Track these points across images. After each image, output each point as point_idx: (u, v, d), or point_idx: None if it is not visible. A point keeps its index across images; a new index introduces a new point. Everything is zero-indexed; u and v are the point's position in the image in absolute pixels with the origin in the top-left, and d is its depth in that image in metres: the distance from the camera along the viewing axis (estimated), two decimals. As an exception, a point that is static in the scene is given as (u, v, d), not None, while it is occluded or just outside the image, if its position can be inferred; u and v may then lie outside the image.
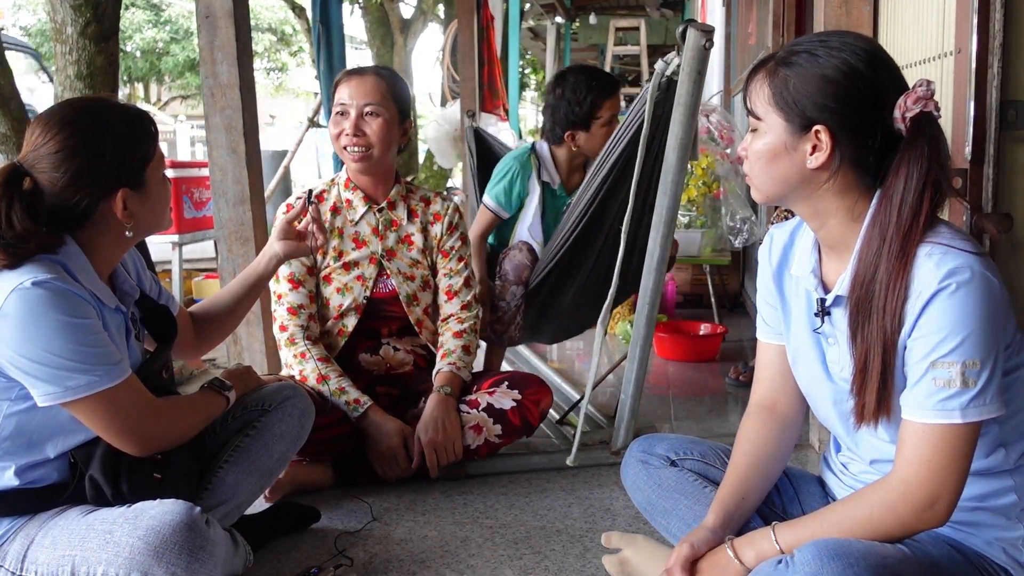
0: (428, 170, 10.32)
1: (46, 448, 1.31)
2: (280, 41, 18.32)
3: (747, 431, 1.31)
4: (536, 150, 2.57)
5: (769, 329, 1.33)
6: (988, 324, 1.00)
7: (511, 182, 2.51)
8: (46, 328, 1.21)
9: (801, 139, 1.09)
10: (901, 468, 1.05)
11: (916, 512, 1.03)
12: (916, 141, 1.03)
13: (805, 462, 2.11)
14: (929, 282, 1.01)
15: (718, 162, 3.83)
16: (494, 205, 2.53)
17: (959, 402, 1.01)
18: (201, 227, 4.04)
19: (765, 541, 1.11)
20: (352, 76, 2.01)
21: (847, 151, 1.07)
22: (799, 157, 1.09)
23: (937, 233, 1.04)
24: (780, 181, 1.12)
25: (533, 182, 2.54)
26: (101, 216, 1.31)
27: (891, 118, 1.05)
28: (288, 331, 2.01)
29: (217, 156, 2.42)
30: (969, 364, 1.00)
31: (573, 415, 2.54)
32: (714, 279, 4.03)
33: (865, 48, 1.07)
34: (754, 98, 1.13)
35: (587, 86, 2.41)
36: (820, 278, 1.18)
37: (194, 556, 1.25)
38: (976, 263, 1.01)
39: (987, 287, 1.00)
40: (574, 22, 10.23)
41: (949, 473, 1.02)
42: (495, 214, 2.54)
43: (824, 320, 1.17)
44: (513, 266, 2.37)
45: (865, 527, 1.05)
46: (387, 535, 1.76)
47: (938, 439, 1.02)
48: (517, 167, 2.52)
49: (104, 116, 1.31)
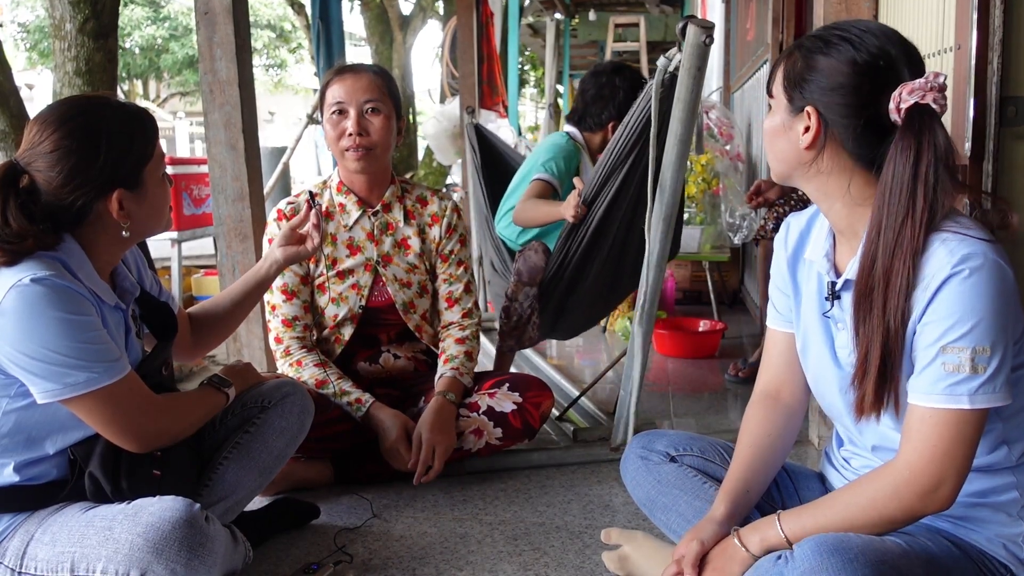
0: (427, 167, 10.32)
1: (45, 445, 1.31)
2: (279, 38, 18.31)
3: (751, 420, 1.32)
4: (573, 136, 2.57)
5: (779, 316, 1.33)
6: (1000, 311, 1.00)
7: (567, 158, 2.49)
8: (45, 325, 1.21)
9: (796, 119, 1.13)
10: (906, 452, 1.05)
11: (920, 496, 1.03)
12: (908, 132, 1.04)
13: (805, 458, 2.12)
14: (942, 267, 1.01)
15: (717, 159, 3.83)
16: (548, 176, 2.45)
17: (968, 387, 1.01)
18: (200, 224, 4.04)
19: (770, 529, 1.12)
20: (346, 73, 1.94)
21: (834, 133, 1.11)
22: (793, 136, 1.14)
23: (951, 222, 1.05)
24: (780, 158, 1.18)
25: (586, 163, 2.54)
26: (97, 216, 1.31)
27: (885, 107, 1.06)
28: (283, 343, 1.99)
29: (216, 153, 2.42)
30: (979, 350, 1.00)
31: (572, 412, 2.55)
32: (713, 276, 4.03)
33: (868, 35, 1.09)
34: (775, 78, 1.18)
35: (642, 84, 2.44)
36: (833, 262, 1.20)
37: (194, 552, 1.25)
38: (990, 251, 1.01)
39: (1000, 274, 1.01)
40: (573, 18, 10.22)
41: (954, 458, 1.02)
42: (549, 184, 2.45)
43: (834, 304, 1.18)
44: (528, 267, 2.32)
45: (868, 512, 1.06)
46: (387, 531, 1.76)
47: (945, 424, 1.02)
48: (571, 147, 2.52)
49: (101, 116, 1.30)
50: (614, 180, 2.16)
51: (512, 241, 2.62)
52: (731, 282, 4.46)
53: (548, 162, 2.47)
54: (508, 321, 2.34)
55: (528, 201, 2.41)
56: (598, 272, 2.32)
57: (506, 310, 2.35)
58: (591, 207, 2.21)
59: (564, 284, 2.34)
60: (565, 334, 2.68)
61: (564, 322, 2.49)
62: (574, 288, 2.35)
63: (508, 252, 2.66)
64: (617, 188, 2.17)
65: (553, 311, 2.40)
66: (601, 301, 2.48)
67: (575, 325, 2.62)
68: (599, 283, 2.36)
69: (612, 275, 2.35)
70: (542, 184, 2.44)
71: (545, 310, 2.38)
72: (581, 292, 2.37)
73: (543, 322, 2.40)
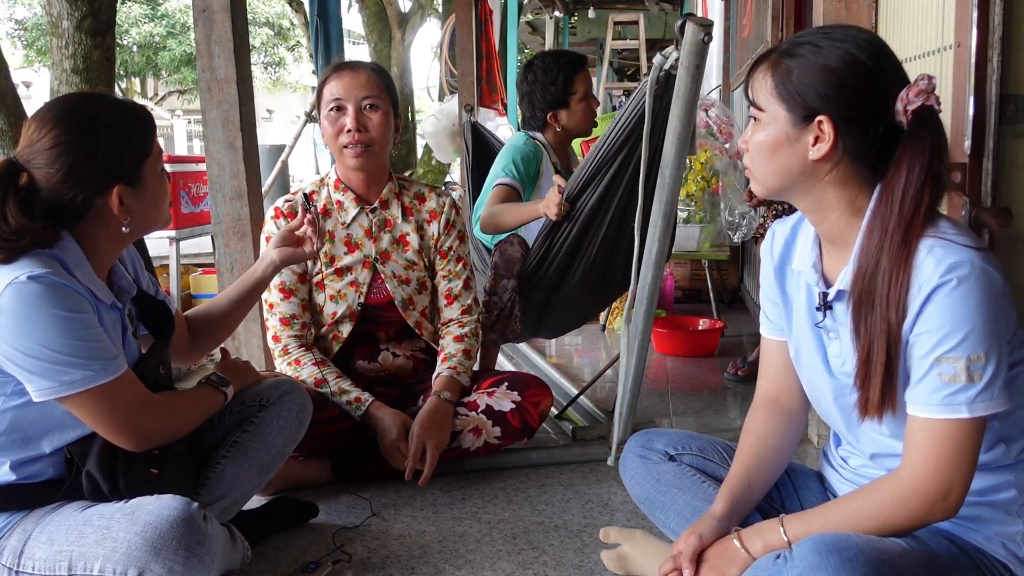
0: (426, 165, 10.31)
1: (42, 444, 1.31)
2: (277, 35, 18.29)
3: (753, 422, 1.32)
4: (533, 136, 2.57)
5: (771, 325, 1.33)
6: (991, 317, 1.00)
7: (526, 159, 2.48)
8: (41, 322, 1.20)
9: (803, 130, 1.08)
10: (911, 463, 1.05)
11: (929, 505, 1.04)
12: (918, 134, 1.03)
13: (804, 457, 2.11)
14: (929, 277, 1.01)
15: (717, 157, 3.83)
16: (509, 180, 2.45)
17: (965, 396, 1.01)
18: (198, 222, 4.03)
19: (773, 533, 1.12)
20: (344, 70, 1.94)
21: (849, 142, 1.07)
22: (801, 148, 1.09)
23: (937, 227, 1.04)
24: (781, 173, 1.12)
25: (546, 163, 2.54)
26: (97, 212, 1.30)
27: (893, 111, 1.05)
28: (282, 342, 1.99)
29: (214, 151, 2.41)
30: (974, 359, 1.00)
31: (571, 410, 2.54)
32: (713, 274, 4.03)
33: (868, 40, 1.07)
34: (757, 89, 1.12)
35: (556, 65, 2.49)
36: (821, 272, 1.18)
37: (191, 551, 1.24)
38: (976, 257, 1.01)
39: (988, 281, 1.00)
40: (573, 16, 10.20)
41: (959, 466, 1.02)
42: (512, 188, 2.44)
43: (825, 315, 1.17)
44: (504, 260, 2.33)
45: (876, 519, 1.06)
46: (385, 530, 1.76)
47: (946, 434, 1.02)
48: (530, 148, 2.51)
49: (99, 112, 1.30)
50: (601, 177, 2.16)
51: (489, 242, 2.63)
52: (730, 280, 4.46)
53: (508, 166, 2.48)
54: (489, 315, 2.34)
55: (495, 207, 2.40)
56: (585, 271, 2.32)
57: (487, 304, 2.35)
58: (575, 204, 2.20)
59: (548, 281, 2.34)
60: (552, 332, 2.68)
61: (549, 320, 2.50)
62: (559, 286, 2.35)
63: (486, 251, 2.66)
64: (606, 185, 2.17)
65: (537, 308, 2.40)
66: (589, 299, 2.47)
67: (562, 323, 2.62)
68: (587, 282, 2.36)
69: (601, 274, 2.34)
70: (505, 189, 2.44)
71: (527, 307, 2.38)
72: (567, 290, 2.37)
73: (526, 319, 2.41)
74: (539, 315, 2.45)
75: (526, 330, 2.48)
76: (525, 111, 2.59)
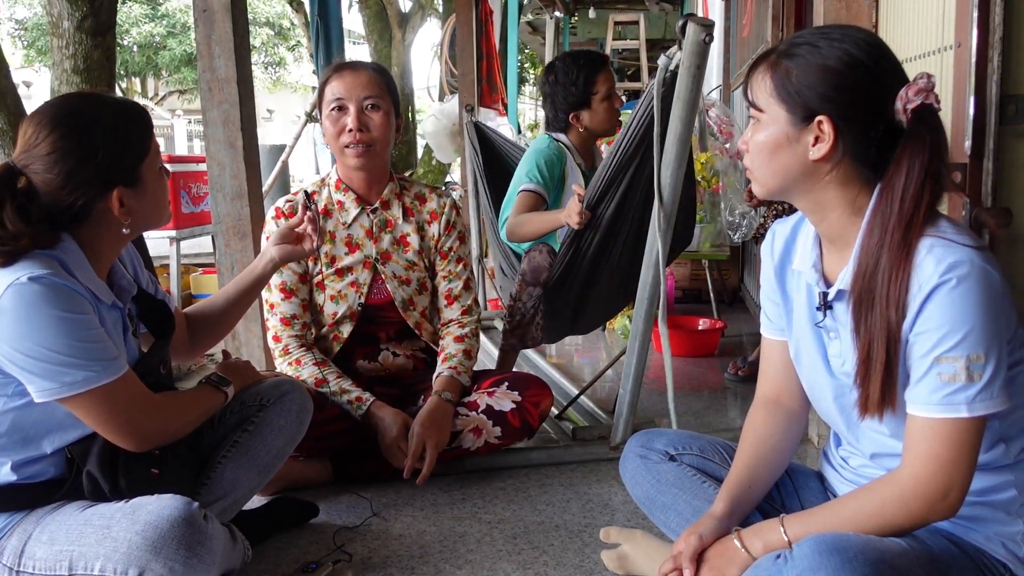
0: (427, 165, 10.30)
1: (43, 444, 1.31)
2: (278, 35, 18.29)
3: (754, 422, 1.32)
4: (556, 138, 2.57)
5: (772, 325, 1.33)
6: (990, 317, 1.00)
7: (549, 162, 2.47)
8: (42, 323, 1.20)
9: (803, 130, 1.08)
10: (911, 463, 1.05)
11: (930, 505, 1.04)
12: (918, 133, 1.03)
13: (804, 457, 2.11)
14: (929, 277, 1.01)
15: (717, 157, 3.82)
16: (534, 185, 2.44)
17: (965, 396, 1.01)
18: (199, 222, 4.03)
19: (773, 533, 1.12)
20: (345, 70, 1.94)
21: (849, 142, 1.07)
22: (801, 149, 1.09)
23: (937, 227, 1.04)
24: (782, 173, 1.12)
25: (571, 164, 2.53)
26: (99, 215, 1.30)
27: (892, 110, 1.05)
28: (282, 342, 1.99)
29: (215, 151, 2.41)
30: (973, 358, 1.00)
31: (572, 410, 2.54)
32: (713, 274, 4.03)
33: (866, 39, 1.07)
34: (756, 90, 1.12)
35: (576, 66, 2.48)
36: (821, 272, 1.18)
37: (192, 551, 1.24)
38: (976, 257, 1.01)
39: (987, 280, 1.00)
40: (573, 16, 10.20)
41: (959, 466, 1.02)
42: (536, 193, 2.44)
43: (826, 314, 1.17)
44: (532, 268, 2.31)
45: (875, 519, 1.06)
46: (385, 530, 1.76)
47: (946, 433, 1.02)
48: (553, 150, 2.50)
49: (96, 114, 1.30)
50: (620, 182, 2.16)
51: (519, 248, 2.63)
52: (731, 280, 4.46)
53: (531, 170, 2.47)
54: (511, 320, 2.35)
55: (520, 216, 2.40)
56: (611, 272, 2.32)
57: (510, 309, 2.36)
58: (596, 211, 2.20)
59: (576, 289, 2.34)
60: (585, 330, 2.70)
61: (581, 321, 2.51)
62: (588, 291, 2.35)
63: (515, 256, 2.66)
64: (624, 189, 2.16)
65: (569, 311, 2.40)
66: (619, 296, 2.48)
67: (595, 320, 2.63)
68: (613, 283, 2.36)
69: (627, 273, 2.33)
70: (530, 196, 2.44)
71: (557, 311, 2.37)
72: (596, 294, 2.37)
73: (557, 323, 2.40)
74: (572, 318, 2.45)
75: (554, 334, 2.49)
76: (548, 113, 2.58)
